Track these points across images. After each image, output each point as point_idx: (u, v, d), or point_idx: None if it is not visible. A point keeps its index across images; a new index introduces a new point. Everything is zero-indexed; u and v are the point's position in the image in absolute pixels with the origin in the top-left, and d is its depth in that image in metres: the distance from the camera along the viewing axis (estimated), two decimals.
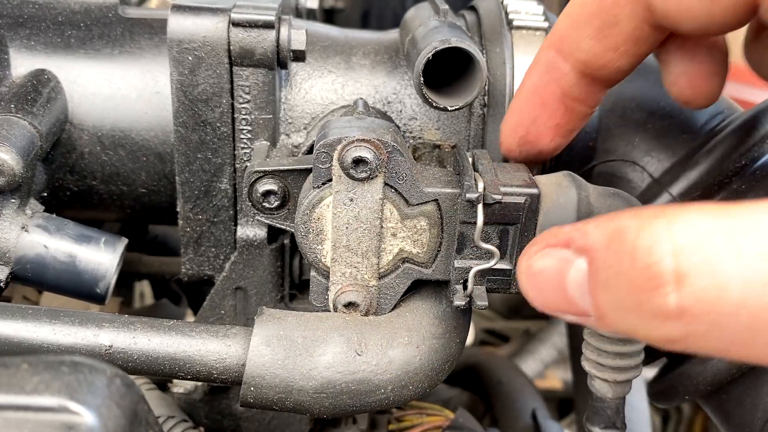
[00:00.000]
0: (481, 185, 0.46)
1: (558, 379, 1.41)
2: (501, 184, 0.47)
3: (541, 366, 1.31)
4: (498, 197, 0.46)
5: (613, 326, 0.36)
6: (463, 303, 0.48)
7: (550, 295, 0.39)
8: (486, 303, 0.48)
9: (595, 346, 0.51)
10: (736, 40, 0.54)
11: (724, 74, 0.51)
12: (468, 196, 0.46)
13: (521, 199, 0.47)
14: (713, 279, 0.31)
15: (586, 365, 0.51)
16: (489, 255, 0.48)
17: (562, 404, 1.43)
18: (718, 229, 0.31)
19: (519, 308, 1.52)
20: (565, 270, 0.37)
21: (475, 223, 0.47)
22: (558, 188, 0.48)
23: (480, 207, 0.46)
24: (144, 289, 1.11)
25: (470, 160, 0.50)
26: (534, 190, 0.47)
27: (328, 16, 1.17)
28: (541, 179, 0.49)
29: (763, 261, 0.30)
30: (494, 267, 0.48)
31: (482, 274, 0.49)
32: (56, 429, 0.31)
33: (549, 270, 0.38)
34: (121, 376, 0.35)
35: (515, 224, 0.48)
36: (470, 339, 1.33)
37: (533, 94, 0.51)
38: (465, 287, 0.49)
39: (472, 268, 0.48)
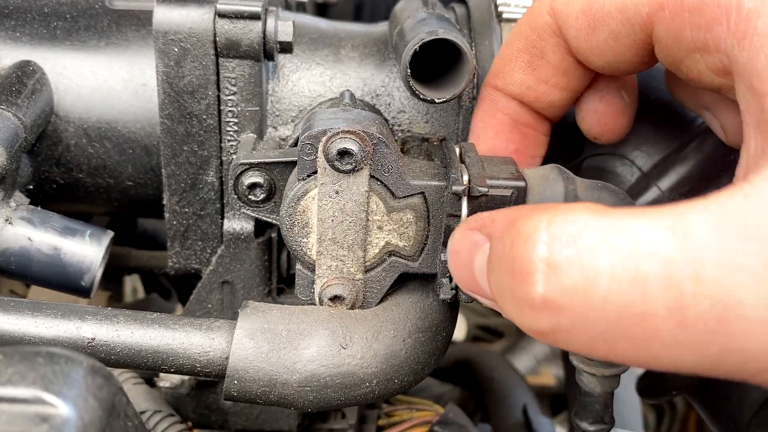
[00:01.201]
0: (466, 178, 0.46)
1: (551, 375, 1.41)
2: (488, 177, 0.47)
3: (534, 362, 1.31)
4: (484, 190, 0.45)
5: (503, 311, 0.37)
6: (449, 297, 0.48)
7: (464, 274, 0.41)
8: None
9: None
10: None
11: (633, 113, 0.53)
12: (454, 188, 0.45)
13: (507, 192, 0.46)
14: (582, 272, 0.31)
15: (574, 360, 0.51)
16: None
17: (555, 400, 1.42)
18: (596, 225, 0.32)
19: None
20: (474, 252, 0.39)
21: (459, 216, 0.46)
22: (545, 181, 0.48)
23: (465, 200, 0.46)
24: (136, 284, 1.10)
25: (458, 152, 0.50)
26: (520, 183, 0.47)
27: (321, 9, 1.16)
28: (528, 172, 0.49)
29: (632, 260, 0.31)
30: None
31: None
32: (31, 420, 0.31)
33: (463, 251, 0.41)
34: (98, 368, 0.34)
35: None
36: (463, 335, 1.33)
37: (484, 127, 0.53)
38: (451, 281, 0.49)
39: None
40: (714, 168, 0.57)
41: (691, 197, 0.57)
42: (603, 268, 0.31)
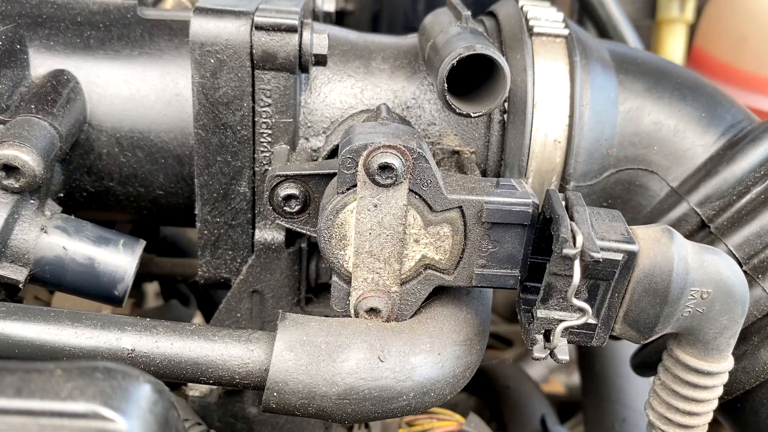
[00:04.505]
0: (580, 240, 0.44)
1: (561, 383, 1.41)
2: (599, 238, 0.45)
3: (545, 370, 1.31)
4: (597, 256, 0.43)
5: None
6: (544, 356, 0.47)
7: None
8: (567, 357, 0.47)
9: (664, 399, 0.52)
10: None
11: None
12: (565, 251, 0.43)
13: (618, 256, 0.45)
14: None
15: (650, 415, 0.52)
16: (579, 311, 0.46)
17: (563, 408, 1.42)
18: None
19: None
20: None
21: (566, 275, 0.45)
22: (657, 245, 0.46)
23: (577, 264, 0.44)
24: (147, 289, 1.10)
25: (564, 204, 0.47)
26: (633, 247, 0.45)
27: (338, 18, 1.17)
28: (639, 233, 0.47)
29: None
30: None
31: (568, 328, 0.47)
32: None
33: None
34: (153, 383, 0.34)
35: (608, 280, 0.46)
36: None
37: None
38: (547, 338, 0.47)
39: (556, 319, 0.47)
40: (745, 182, 0.58)
41: (720, 214, 0.58)
42: None
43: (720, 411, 0.61)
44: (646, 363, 0.63)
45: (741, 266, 0.57)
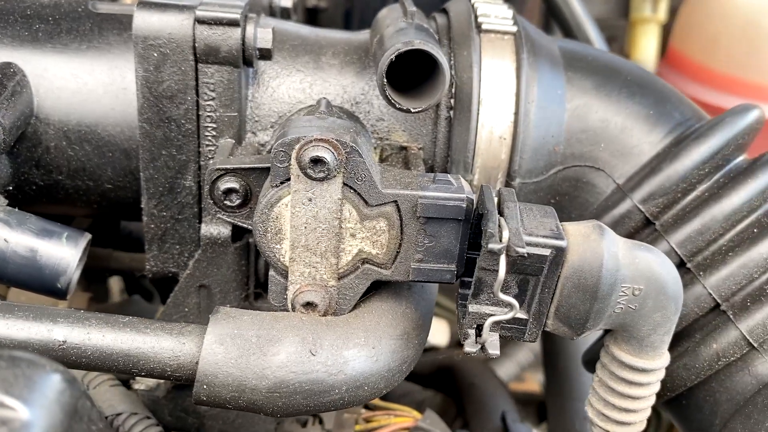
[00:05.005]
0: (506, 235, 0.44)
1: (536, 382, 1.41)
2: (527, 233, 0.45)
3: (518, 368, 1.31)
4: (522, 251, 0.43)
5: None
6: (475, 350, 0.47)
7: None
8: (498, 352, 0.47)
9: (602, 396, 0.52)
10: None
11: None
12: (490, 246, 0.43)
13: (546, 251, 0.45)
14: None
15: (589, 411, 0.52)
16: (507, 305, 0.46)
17: (542, 407, 1.42)
18: None
19: None
20: None
21: (494, 270, 0.45)
22: (586, 241, 0.46)
23: (503, 259, 0.44)
24: (124, 286, 1.10)
25: (495, 201, 0.47)
26: (561, 243, 0.45)
27: (312, 15, 1.17)
28: (569, 229, 0.47)
29: None
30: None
31: (497, 323, 0.47)
32: None
33: None
34: (61, 372, 0.34)
35: (537, 276, 0.46)
36: (446, 340, 1.33)
37: None
38: (478, 333, 0.47)
39: (486, 314, 0.47)
40: (689, 179, 0.58)
41: (665, 211, 0.58)
42: None
43: (666, 408, 0.61)
44: (595, 360, 0.63)
45: (685, 263, 0.57)
